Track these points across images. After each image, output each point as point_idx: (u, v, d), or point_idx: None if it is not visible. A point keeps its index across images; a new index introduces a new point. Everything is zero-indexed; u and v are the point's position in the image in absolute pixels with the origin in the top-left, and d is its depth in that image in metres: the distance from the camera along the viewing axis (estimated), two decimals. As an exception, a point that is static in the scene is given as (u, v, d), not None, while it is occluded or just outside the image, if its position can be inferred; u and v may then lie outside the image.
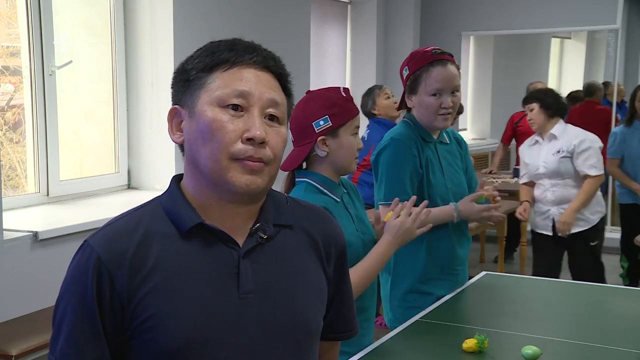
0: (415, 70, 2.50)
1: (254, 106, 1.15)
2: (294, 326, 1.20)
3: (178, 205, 1.18)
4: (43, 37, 3.61)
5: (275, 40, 4.87)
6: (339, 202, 2.05)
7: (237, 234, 1.18)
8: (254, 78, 1.16)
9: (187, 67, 1.19)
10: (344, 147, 2.03)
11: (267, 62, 1.19)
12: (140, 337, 1.12)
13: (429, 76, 2.47)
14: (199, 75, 1.17)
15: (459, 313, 2.48)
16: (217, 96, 1.15)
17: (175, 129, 1.21)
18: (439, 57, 2.49)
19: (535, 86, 6.26)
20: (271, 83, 1.19)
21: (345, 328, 1.37)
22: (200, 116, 1.15)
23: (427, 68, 2.48)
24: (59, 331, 1.14)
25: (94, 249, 1.13)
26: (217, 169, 1.14)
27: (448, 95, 2.48)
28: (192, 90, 1.17)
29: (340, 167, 2.06)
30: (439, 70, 2.47)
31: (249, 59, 1.17)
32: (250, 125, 1.14)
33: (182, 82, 1.20)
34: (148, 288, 1.12)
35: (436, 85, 2.47)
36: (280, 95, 1.20)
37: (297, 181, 2.07)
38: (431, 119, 2.51)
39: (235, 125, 1.14)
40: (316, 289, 1.26)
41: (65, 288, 1.15)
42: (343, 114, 2.01)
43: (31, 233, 3.15)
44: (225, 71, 1.16)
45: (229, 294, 1.15)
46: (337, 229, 1.33)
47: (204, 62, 1.17)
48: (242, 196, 1.16)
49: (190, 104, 1.17)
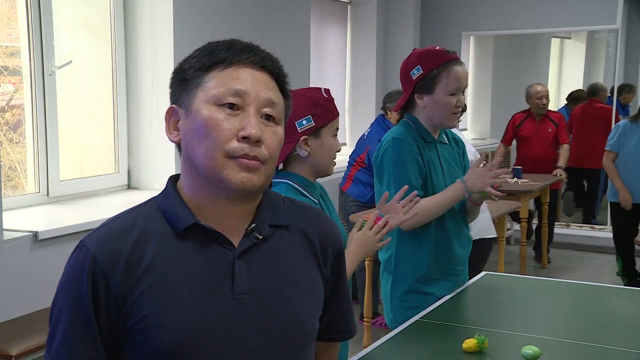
0: (432, 70, 2.48)
1: (250, 105, 1.15)
2: (288, 327, 1.20)
3: (173, 205, 1.18)
4: (43, 37, 3.61)
5: (275, 40, 4.88)
6: (317, 204, 2.04)
7: (232, 234, 1.18)
8: (251, 77, 1.17)
9: (184, 66, 1.20)
10: (324, 148, 2.01)
11: (264, 62, 1.19)
12: (135, 338, 1.12)
13: (449, 75, 2.46)
14: (196, 74, 1.17)
15: (459, 313, 2.48)
16: (214, 95, 1.15)
17: (172, 128, 1.22)
18: (455, 57, 2.50)
19: (535, 88, 6.25)
20: (268, 83, 1.19)
21: (342, 328, 1.37)
22: (197, 114, 1.15)
23: (447, 67, 2.47)
24: (54, 331, 1.15)
25: (89, 249, 1.13)
26: (212, 166, 1.14)
27: (461, 95, 2.50)
28: (189, 89, 1.18)
29: (319, 169, 2.04)
30: (458, 69, 2.48)
31: (246, 59, 1.17)
32: (246, 124, 1.14)
33: (179, 81, 1.20)
34: (143, 288, 1.12)
35: (457, 84, 2.47)
36: (277, 96, 1.20)
37: (275, 182, 2.05)
38: (444, 118, 2.50)
39: (231, 123, 1.14)
40: (312, 290, 1.26)
41: (61, 288, 1.16)
42: (325, 114, 2.00)
43: (31, 233, 3.14)
44: (222, 70, 1.16)
45: (223, 294, 1.15)
46: (334, 229, 1.33)
47: (201, 62, 1.18)
48: (237, 194, 1.16)
49: (187, 103, 1.18)
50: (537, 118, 6.26)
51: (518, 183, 5.76)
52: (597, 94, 7.31)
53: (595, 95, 7.31)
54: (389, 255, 2.57)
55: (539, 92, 6.19)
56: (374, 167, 2.59)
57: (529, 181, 5.81)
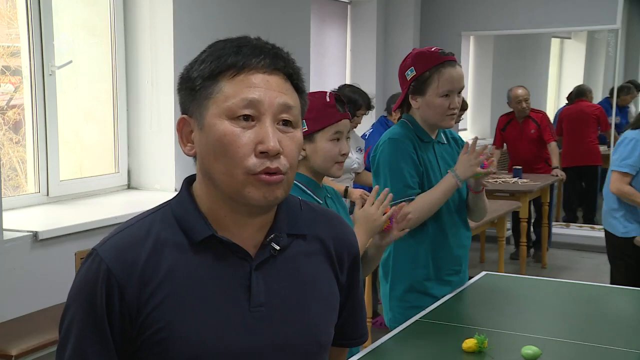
0: (425, 71, 2.47)
1: (265, 114, 1.10)
2: (304, 339, 1.19)
3: (189, 215, 1.15)
4: (43, 37, 3.61)
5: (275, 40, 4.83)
6: (322, 203, 2.04)
7: (249, 245, 1.16)
8: (263, 83, 1.11)
9: (192, 74, 1.14)
10: (318, 153, 2.01)
11: (276, 63, 1.13)
12: (151, 350, 1.11)
13: (440, 77, 2.45)
14: (204, 84, 1.12)
15: (459, 313, 2.48)
16: (226, 107, 1.10)
17: (186, 140, 1.16)
18: (449, 58, 2.48)
19: (515, 92, 6.28)
20: (281, 86, 1.13)
21: (355, 334, 1.36)
22: (210, 130, 1.11)
23: (438, 69, 2.45)
24: (66, 340, 1.12)
25: (103, 260, 1.11)
26: (233, 184, 1.10)
27: (456, 96, 2.48)
28: (199, 100, 1.12)
29: (318, 171, 2.04)
30: (451, 71, 2.46)
31: (256, 63, 1.11)
32: (263, 136, 1.09)
33: (188, 90, 1.14)
34: (158, 300, 1.10)
35: (448, 86, 2.46)
36: (292, 97, 1.14)
37: None
38: (439, 119, 2.50)
39: (247, 137, 1.09)
40: (328, 299, 1.24)
41: (73, 297, 1.13)
42: (321, 119, 1.99)
43: (31, 233, 3.14)
44: (232, 78, 1.11)
45: (240, 306, 1.14)
46: (350, 234, 1.31)
47: (209, 69, 1.12)
48: (260, 208, 1.13)
49: (199, 115, 1.13)
50: (519, 120, 6.31)
51: (518, 183, 5.76)
52: (584, 95, 7.35)
53: (582, 96, 7.35)
54: (387, 255, 2.57)
55: (519, 96, 6.26)
56: (372, 168, 2.59)
57: (529, 181, 5.81)
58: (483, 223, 4.48)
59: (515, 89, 6.33)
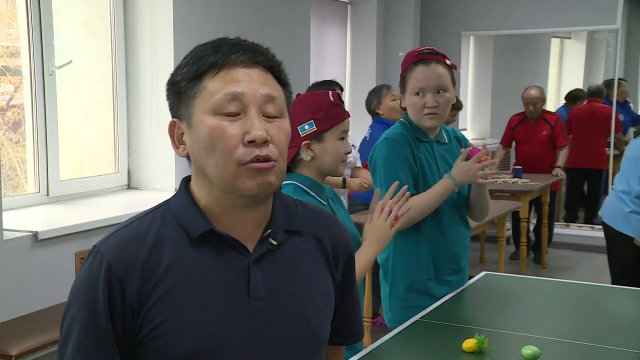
0: (404, 70, 2.54)
1: (250, 106, 1.14)
2: (303, 333, 1.20)
3: (188, 212, 1.17)
4: (43, 37, 3.61)
5: (275, 40, 4.87)
6: (325, 205, 2.05)
7: (247, 240, 1.18)
8: (245, 77, 1.14)
9: (177, 78, 1.18)
10: (328, 152, 2.03)
11: (255, 57, 1.16)
12: (151, 344, 1.12)
13: (412, 76, 2.50)
14: (189, 85, 1.15)
15: (459, 313, 2.48)
16: (212, 103, 1.13)
17: (177, 142, 1.20)
18: (426, 57, 2.50)
19: (526, 93, 6.25)
20: (263, 78, 1.16)
21: (350, 332, 1.37)
22: (199, 127, 1.14)
23: (412, 68, 2.51)
24: (67, 338, 1.13)
25: (104, 256, 1.12)
26: (226, 177, 1.13)
27: (432, 95, 2.48)
28: (186, 101, 1.16)
29: (325, 171, 2.07)
30: (421, 69, 2.49)
31: (235, 59, 1.15)
32: (250, 127, 1.12)
33: (174, 94, 1.18)
34: (159, 295, 1.11)
35: (417, 84, 2.49)
36: (275, 88, 1.17)
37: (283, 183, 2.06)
38: (418, 118, 2.53)
39: (235, 129, 1.12)
40: (324, 296, 1.26)
41: (75, 295, 1.14)
42: (328, 118, 2.01)
43: (31, 233, 3.14)
44: (215, 76, 1.14)
45: (239, 300, 1.15)
46: (345, 234, 1.33)
47: (192, 71, 1.15)
48: (255, 198, 1.15)
49: (187, 115, 1.16)
50: (531, 121, 6.28)
51: (518, 183, 5.75)
52: (599, 95, 7.29)
53: (597, 96, 7.29)
54: (387, 255, 2.57)
55: (527, 98, 6.21)
56: (370, 168, 2.61)
57: (529, 181, 5.81)
58: (483, 223, 4.48)
59: (529, 89, 6.26)
